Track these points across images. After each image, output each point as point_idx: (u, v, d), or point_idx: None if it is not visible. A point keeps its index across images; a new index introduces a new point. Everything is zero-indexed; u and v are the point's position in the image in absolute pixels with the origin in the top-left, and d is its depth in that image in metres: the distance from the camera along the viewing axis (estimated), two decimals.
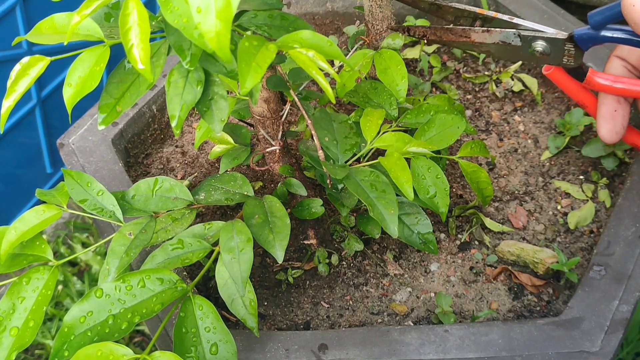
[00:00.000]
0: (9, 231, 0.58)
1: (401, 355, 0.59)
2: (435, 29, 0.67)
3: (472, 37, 0.64)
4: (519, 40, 0.63)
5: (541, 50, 0.62)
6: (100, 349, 0.49)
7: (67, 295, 1.09)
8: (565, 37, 0.61)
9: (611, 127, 0.65)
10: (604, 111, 0.65)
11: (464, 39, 0.65)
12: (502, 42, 0.63)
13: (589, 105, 0.67)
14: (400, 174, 0.61)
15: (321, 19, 0.97)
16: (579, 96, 0.67)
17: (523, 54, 0.63)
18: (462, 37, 0.65)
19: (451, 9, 0.67)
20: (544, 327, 0.60)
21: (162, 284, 0.55)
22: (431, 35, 0.68)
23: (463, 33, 0.64)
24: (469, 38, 0.64)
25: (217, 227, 0.62)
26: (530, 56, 0.63)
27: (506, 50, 0.64)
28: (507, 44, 0.63)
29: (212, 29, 0.39)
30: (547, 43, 0.62)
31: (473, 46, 0.65)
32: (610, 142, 0.66)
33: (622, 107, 0.65)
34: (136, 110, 0.83)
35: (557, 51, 0.62)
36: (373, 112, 0.69)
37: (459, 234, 0.72)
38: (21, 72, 0.51)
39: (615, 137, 0.65)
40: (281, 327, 0.66)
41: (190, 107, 0.50)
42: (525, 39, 0.63)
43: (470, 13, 0.66)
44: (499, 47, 0.64)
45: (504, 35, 0.63)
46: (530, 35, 0.62)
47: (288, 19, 0.56)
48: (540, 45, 0.62)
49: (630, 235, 0.65)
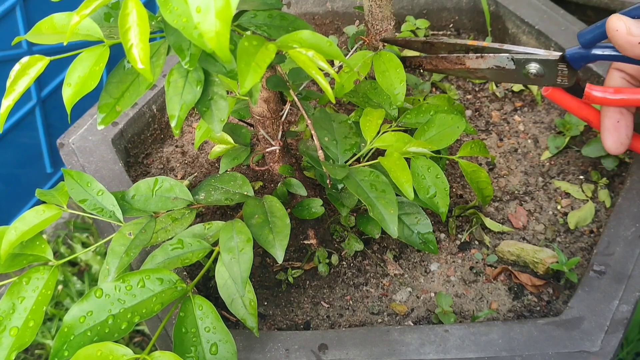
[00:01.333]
0: (9, 231, 0.58)
1: (401, 355, 0.59)
2: (431, 58, 0.68)
3: (466, 63, 0.66)
4: (513, 64, 0.64)
5: (535, 72, 0.64)
6: (100, 348, 0.49)
7: (67, 295, 1.09)
8: (557, 57, 0.63)
9: (616, 139, 0.65)
10: (607, 123, 0.66)
11: (459, 66, 0.67)
12: (496, 66, 0.65)
13: (592, 120, 0.68)
14: (400, 174, 0.61)
15: (321, 18, 0.97)
16: (581, 113, 0.68)
17: (518, 76, 0.65)
18: (457, 64, 0.66)
19: (443, 45, 0.69)
20: (544, 327, 0.60)
21: (161, 284, 0.55)
22: (427, 65, 0.70)
23: (458, 60, 0.66)
24: (464, 65, 0.66)
25: (217, 227, 0.62)
26: (525, 78, 0.65)
27: (501, 74, 0.65)
28: (502, 68, 0.65)
29: (212, 29, 0.39)
30: (540, 65, 0.63)
31: (469, 73, 0.67)
32: (616, 152, 0.66)
33: (625, 118, 0.65)
34: (136, 110, 0.83)
35: (550, 72, 0.63)
36: (373, 112, 0.69)
37: (459, 234, 0.72)
38: (20, 72, 0.51)
39: (621, 147, 0.66)
40: (281, 327, 0.66)
41: (189, 107, 0.50)
42: (519, 62, 0.64)
43: (462, 46, 0.68)
44: (493, 71, 0.65)
45: (497, 59, 0.64)
46: (523, 58, 0.64)
47: (287, 18, 0.56)
48: (534, 67, 0.63)
49: (630, 235, 0.65)
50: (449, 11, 0.95)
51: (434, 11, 0.95)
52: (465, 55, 0.65)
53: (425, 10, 0.95)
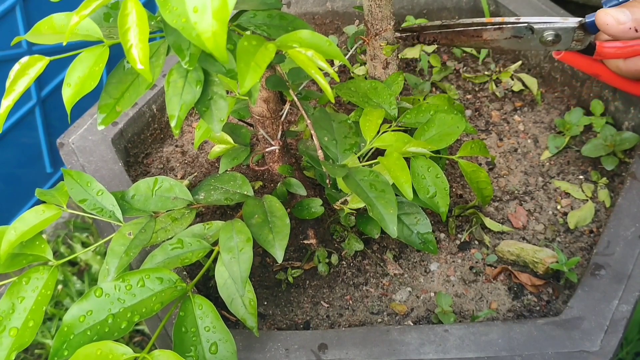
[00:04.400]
0: (9, 231, 0.58)
1: (401, 355, 0.59)
2: (447, 33, 0.69)
3: (483, 35, 0.67)
4: (531, 32, 0.65)
5: (552, 39, 0.65)
6: (100, 348, 0.49)
7: (67, 294, 1.09)
8: (576, 24, 0.64)
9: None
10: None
11: (475, 38, 0.68)
12: (514, 36, 0.66)
13: (602, 74, 0.69)
14: (399, 174, 0.61)
15: (321, 18, 0.97)
16: (591, 69, 0.69)
17: (534, 44, 0.66)
18: (473, 37, 0.67)
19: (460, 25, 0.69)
20: (544, 327, 0.60)
21: (161, 283, 0.55)
22: (442, 39, 0.70)
23: (475, 33, 0.67)
24: (481, 37, 0.67)
25: (217, 226, 0.62)
26: (540, 45, 0.66)
27: (517, 43, 0.67)
28: (519, 37, 0.66)
29: (209, 29, 0.39)
30: (557, 32, 0.65)
31: (485, 43, 0.68)
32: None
33: None
34: (136, 109, 0.83)
35: (567, 37, 0.65)
36: (372, 112, 0.69)
37: (459, 233, 0.72)
38: (20, 72, 0.51)
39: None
40: (281, 326, 0.66)
41: (189, 107, 0.50)
42: (537, 31, 0.65)
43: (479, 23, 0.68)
44: (510, 41, 0.66)
45: (515, 30, 0.65)
46: (542, 27, 0.65)
47: (287, 18, 0.56)
48: (551, 34, 0.65)
49: (630, 235, 0.65)
50: (449, 11, 0.95)
51: (434, 11, 0.95)
52: (484, 27, 0.66)
53: (425, 10, 0.95)
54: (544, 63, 0.87)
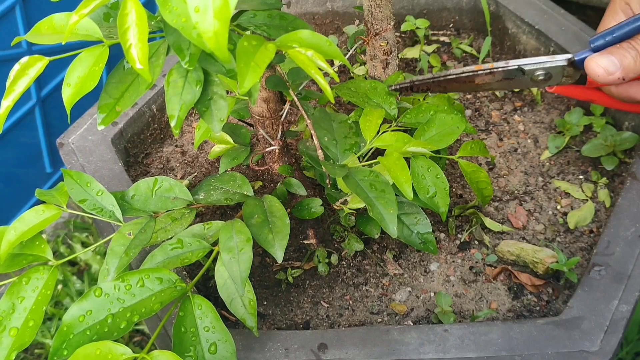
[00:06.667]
0: (9, 231, 0.58)
1: (401, 354, 0.59)
2: (439, 81, 0.69)
3: (476, 81, 0.68)
4: (522, 74, 0.66)
5: (543, 78, 0.66)
6: (99, 347, 0.49)
7: (67, 294, 1.09)
8: (565, 63, 0.64)
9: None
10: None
11: (468, 84, 0.69)
12: (505, 78, 0.67)
13: (596, 99, 0.70)
14: (399, 174, 0.61)
15: (321, 18, 0.97)
16: (585, 96, 0.70)
17: (525, 82, 0.67)
18: (466, 82, 0.68)
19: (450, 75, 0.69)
20: (544, 327, 0.60)
21: (161, 283, 0.55)
22: (435, 88, 0.70)
23: (467, 79, 0.68)
24: (473, 82, 0.68)
25: (217, 226, 0.62)
26: (532, 83, 0.67)
27: (509, 84, 0.68)
28: (510, 79, 0.67)
29: (210, 29, 0.39)
30: (547, 70, 0.65)
31: (477, 87, 0.69)
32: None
33: None
34: (136, 109, 0.83)
35: (557, 75, 0.66)
36: (372, 112, 0.68)
37: (459, 233, 0.72)
38: (20, 72, 0.51)
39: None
40: (281, 326, 0.66)
41: (189, 107, 0.50)
42: (527, 72, 0.66)
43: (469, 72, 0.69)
44: (502, 83, 0.67)
45: (507, 72, 0.66)
46: (532, 68, 0.65)
47: (287, 18, 0.56)
48: (541, 73, 0.65)
49: (630, 235, 0.65)
50: (449, 11, 0.95)
51: (434, 11, 0.95)
52: (475, 73, 0.67)
53: (425, 10, 0.95)
54: None
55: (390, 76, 0.75)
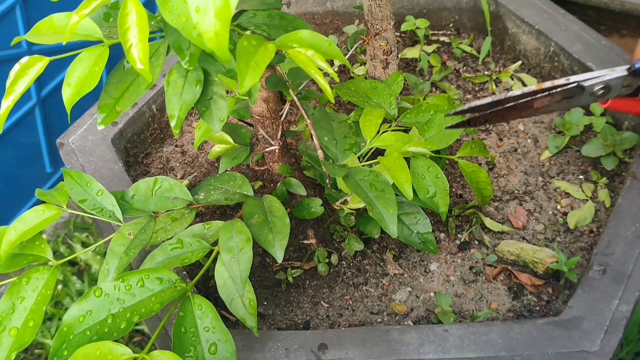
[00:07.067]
0: (9, 231, 0.58)
1: (401, 355, 0.59)
2: (497, 112, 0.64)
3: (535, 105, 0.63)
4: (582, 91, 0.62)
5: (602, 92, 0.62)
6: (99, 348, 0.49)
7: (67, 294, 1.09)
8: (625, 72, 0.61)
9: None
10: None
11: (527, 110, 0.63)
12: (564, 98, 0.63)
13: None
14: (399, 174, 0.61)
15: (321, 18, 0.97)
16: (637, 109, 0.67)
17: (585, 100, 0.63)
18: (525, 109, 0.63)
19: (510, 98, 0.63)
20: (544, 327, 0.60)
21: (161, 283, 0.55)
22: (493, 120, 0.65)
23: (526, 105, 0.63)
24: (532, 107, 0.63)
25: (217, 226, 0.62)
26: (591, 99, 0.63)
27: (568, 103, 0.63)
28: (570, 98, 0.63)
29: (211, 29, 0.39)
30: (607, 83, 0.62)
31: (536, 112, 0.64)
32: None
33: None
34: (136, 109, 0.83)
35: (617, 86, 0.62)
36: (372, 112, 0.68)
37: (459, 233, 0.72)
38: (20, 72, 0.51)
39: None
40: (281, 326, 0.66)
41: (189, 106, 0.50)
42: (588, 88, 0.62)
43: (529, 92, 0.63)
44: (561, 103, 0.63)
45: (566, 92, 0.62)
46: (592, 84, 0.62)
47: (287, 18, 0.56)
48: (601, 87, 0.62)
49: (630, 235, 0.65)
50: (449, 11, 0.95)
51: (434, 11, 0.95)
52: (534, 98, 0.62)
53: (425, 10, 0.95)
54: (544, 63, 0.87)
55: (390, 76, 0.75)
